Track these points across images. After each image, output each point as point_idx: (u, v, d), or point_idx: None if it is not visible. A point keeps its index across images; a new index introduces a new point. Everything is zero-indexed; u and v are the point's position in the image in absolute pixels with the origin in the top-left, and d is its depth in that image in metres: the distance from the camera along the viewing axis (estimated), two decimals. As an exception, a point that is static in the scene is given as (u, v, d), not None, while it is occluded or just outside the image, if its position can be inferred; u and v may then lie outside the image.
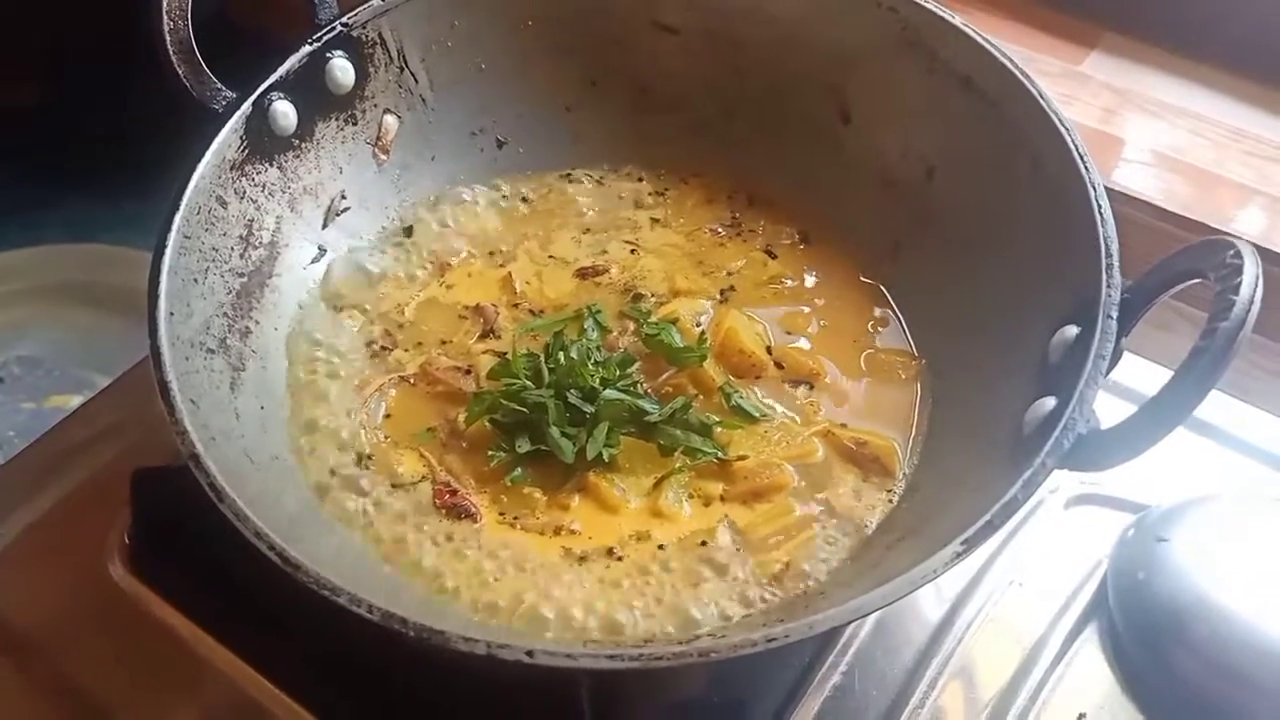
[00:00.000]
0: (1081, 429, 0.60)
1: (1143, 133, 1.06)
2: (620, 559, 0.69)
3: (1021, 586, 0.77)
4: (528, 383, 0.74)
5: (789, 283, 0.84)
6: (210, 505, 0.59)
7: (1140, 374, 0.81)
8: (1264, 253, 0.89)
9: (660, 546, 0.69)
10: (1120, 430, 0.59)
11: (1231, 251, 0.58)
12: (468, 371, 0.78)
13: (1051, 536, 0.79)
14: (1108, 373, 0.63)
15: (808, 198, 0.87)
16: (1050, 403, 0.63)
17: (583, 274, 0.84)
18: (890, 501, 0.72)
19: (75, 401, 1.33)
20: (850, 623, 0.56)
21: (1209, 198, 1.00)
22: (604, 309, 0.81)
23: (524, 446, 0.72)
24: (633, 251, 0.86)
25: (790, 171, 0.87)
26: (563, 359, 0.75)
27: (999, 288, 0.75)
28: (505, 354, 0.78)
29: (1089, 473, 0.64)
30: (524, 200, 0.89)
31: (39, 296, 1.44)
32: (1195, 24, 1.12)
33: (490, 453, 0.73)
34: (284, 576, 0.57)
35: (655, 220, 0.88)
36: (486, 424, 0.74)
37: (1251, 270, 0.57)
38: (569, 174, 0.91)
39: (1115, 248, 0.66)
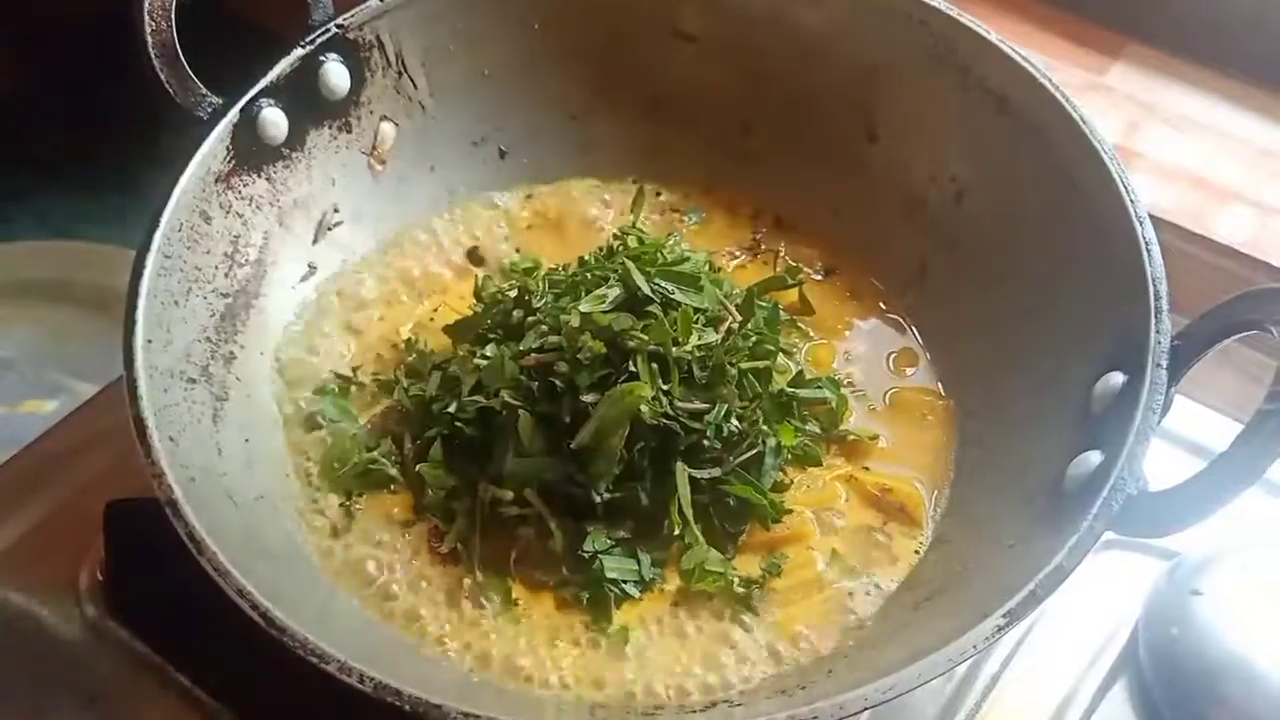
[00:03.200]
0: (1131, 490, 0.56)
1: (1166, 148, 1.03)
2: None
3: (1049, 637, 0.73)
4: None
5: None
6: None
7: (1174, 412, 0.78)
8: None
9: (674, 604, 0.65)
10: (1174, 495, 0.55)
11: (1297, 304, 0.54)
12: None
13: (1080, 584, 0.74)
14: (1157, 424, 0.59)
15: (829, 219, 0.82)
16: (1095, 458, 0.59)
17: (590, 295, 0.80)
18: (917, 553, 0.68)
19: (50, 406, 1.28)
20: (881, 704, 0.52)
21: (1234, 218, 0.97)
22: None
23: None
24: (643, 273, 0.81)
25: (811, 190, 0.82)
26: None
27: (1032, 324, 0.71)
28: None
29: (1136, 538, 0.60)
30: (527, 214, 0.84)
31: (10, 295, 1.37)
32: (1224, 36, 1.08)
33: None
34: (268, 636, 0.53)
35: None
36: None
37: (1322, 327, 0.53)
38: (576, 186, 0.85)
39: (1164, 289, 0.63)
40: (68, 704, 0.70)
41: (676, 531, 0.64)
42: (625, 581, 0.64)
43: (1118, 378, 0.62)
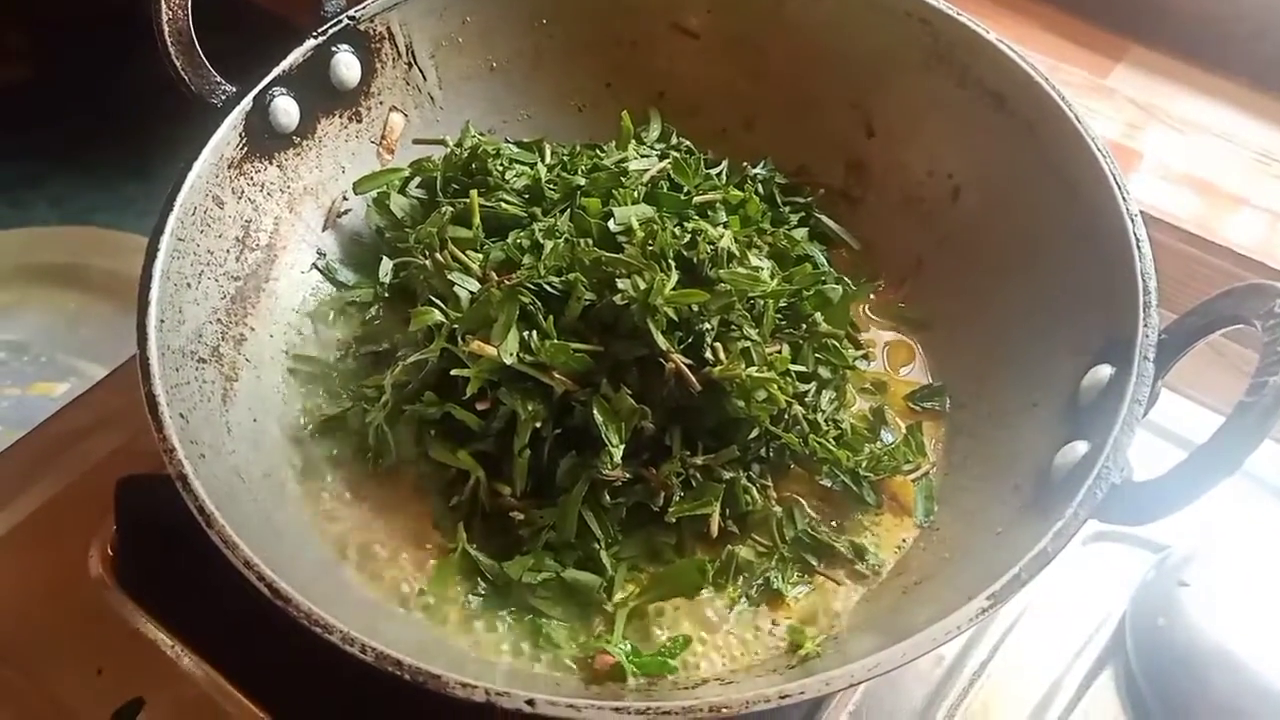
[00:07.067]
0: (1115, 479, 0.58)
1: (1165, 149, 1.04)
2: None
3: (1037, 626, 0.74)
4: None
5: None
6: (197, 522, 0.56)
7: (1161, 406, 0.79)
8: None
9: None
10: (1156, 485, 0.56)
11: (1281, 300, 0.56)
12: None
13: (1069, 574, 0.76)
14: (1143, 416, 0.60)
15: (829, 214, 0.83)
16: (1082, 448, 0.61)
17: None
18: (907, 540, 0.69)
19: (61, 389, 1.30)
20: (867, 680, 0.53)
21: (1231, 220, 0.98)
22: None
23: None
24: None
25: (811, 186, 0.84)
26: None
27: (1025, 318, 0.72)
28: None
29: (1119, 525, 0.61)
30: (532, 206, 0.86)
31: (26, 279, 1.39)
32: (1225, 41, 1.09)
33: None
34: (274, 608, 0.54)
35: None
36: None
37: (1304, 322, 0.54)
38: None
39: (1154, 285, 0.64)
40: (77, 674, 0.72)
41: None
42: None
43: (1106, 370, 0.63)
